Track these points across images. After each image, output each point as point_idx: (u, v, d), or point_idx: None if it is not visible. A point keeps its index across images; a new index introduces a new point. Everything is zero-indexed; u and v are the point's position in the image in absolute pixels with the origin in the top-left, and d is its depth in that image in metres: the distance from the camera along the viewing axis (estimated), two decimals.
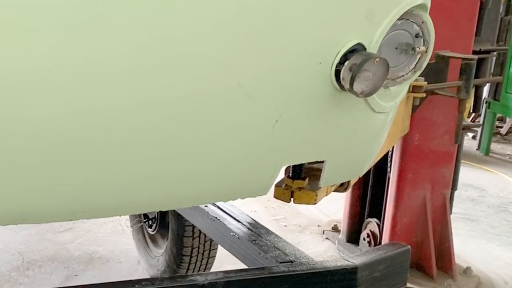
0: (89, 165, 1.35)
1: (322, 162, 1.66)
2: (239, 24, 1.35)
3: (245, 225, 2.25)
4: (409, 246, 1.95)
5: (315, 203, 1.78)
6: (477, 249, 4.38)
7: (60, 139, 1.28)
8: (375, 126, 1.72)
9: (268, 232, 2.17)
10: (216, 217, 2.34)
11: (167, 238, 3.39)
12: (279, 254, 1.89)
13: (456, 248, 3.87)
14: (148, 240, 3.67)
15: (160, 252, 3.50)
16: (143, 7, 1.23)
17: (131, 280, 1.56)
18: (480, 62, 3.80)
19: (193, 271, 3.28)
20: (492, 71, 4.36)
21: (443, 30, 3.38)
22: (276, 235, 2.13)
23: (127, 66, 1.27)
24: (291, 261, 1.81)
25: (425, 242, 3.79)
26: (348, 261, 1.74)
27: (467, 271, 3.87)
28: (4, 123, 1.21)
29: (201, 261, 3.29)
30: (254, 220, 2.29)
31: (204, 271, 3.30)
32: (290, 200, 1.79)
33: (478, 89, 4.08)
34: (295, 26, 1.42)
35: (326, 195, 1.89)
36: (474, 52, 3.72)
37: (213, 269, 3.33)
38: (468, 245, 4.40)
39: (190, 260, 3.26)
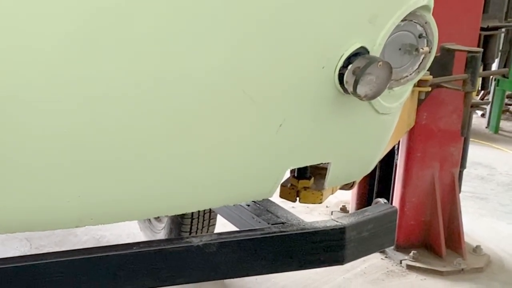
0: (95, 173, 1.36)
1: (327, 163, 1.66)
2: (244, 29, 1.35)
3: None
4: (396, 207, 2.00)
5: (320, 203, 1.78)
6: (487, 227, 4.37)
7: (66, 147, 1.29)
8: (380, 127, 1.72)
9: None
10: None
11: None
12: (271, 217, 1.93)
13: (466, 227, 3.87)
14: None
15: (162, 226, 3.53)
16: (150, 20, 1.24)
17: (129, 243, 1.59)
18: (488, 39, 3.76)
19: None
20: (500, 48, 4.31)
21: (450, 7, 3.36)
22: (268, 199, 2.15)
23: (136, 76, 1.27)
24: (282, 223, 1.84)
25: (434, 221, 3.79)
26: (337, 221, 1.77)
27: (476, 249, 3.86)
28: (12, 132, 1.22)
29: (203, 223, 3.32)
30: None
31: None
32: (296, 199, 1.80)
33: (487, 66, 4.03)
34: (298, 32, 1.41)
35: (332, 193, 1.89)
36: (482, 29, 3.68)
37: None
38: (477, 224, 4.39)
39: (191, 222, 3.28)
